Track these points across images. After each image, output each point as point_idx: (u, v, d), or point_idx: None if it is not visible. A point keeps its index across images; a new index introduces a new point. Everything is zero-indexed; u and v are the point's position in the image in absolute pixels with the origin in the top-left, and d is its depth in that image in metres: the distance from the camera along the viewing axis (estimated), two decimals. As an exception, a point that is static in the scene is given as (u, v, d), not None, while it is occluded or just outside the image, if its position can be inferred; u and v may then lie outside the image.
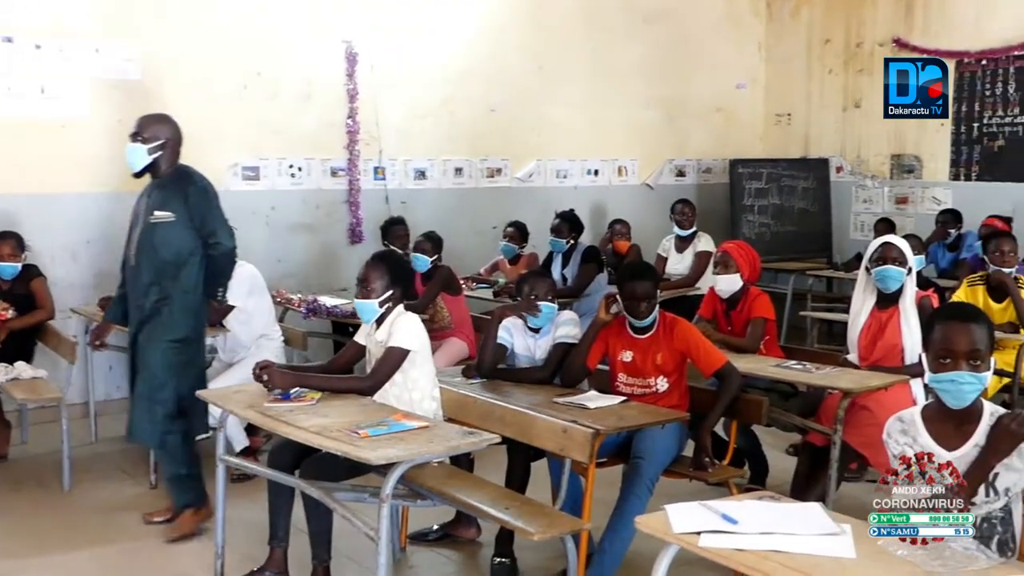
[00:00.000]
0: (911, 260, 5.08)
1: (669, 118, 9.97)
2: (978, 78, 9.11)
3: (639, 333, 4.64)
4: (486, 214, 8.76)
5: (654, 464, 4.28)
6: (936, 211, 8.89)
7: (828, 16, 10.24)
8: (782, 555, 2.49)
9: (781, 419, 5.09)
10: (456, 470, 4.42)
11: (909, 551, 2.50)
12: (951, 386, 2.78)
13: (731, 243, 5.90)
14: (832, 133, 10.30)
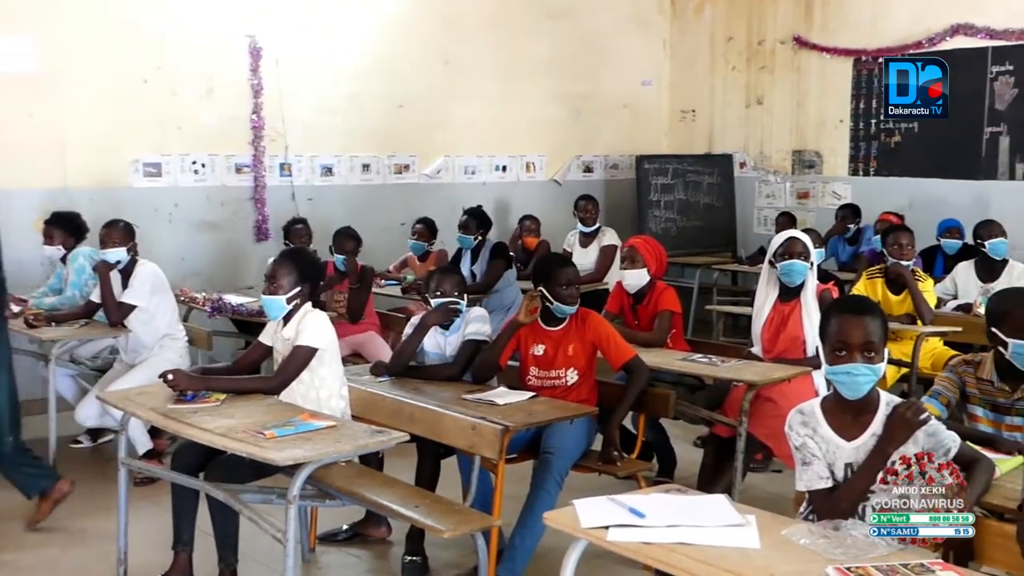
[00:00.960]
0: (813, 254, 5.20)
1: (576, 114, 10.03)
2: (875, 76, 9.35)
3: (552, 325, 4.66)
4: (394, 211, 8.70)
5: (563, 459, 4.31)
6: (836, 206, 9.10)
7: (731, 14, 10.41)
8: (688, 547, 2.52)
9: (688, 412, 5.15)
10: (365, 469, 4.39)
11: (811, 540, 2.56)
12: (846, 378, 2.85)
13: (638, 238, 5.95)
14: (735, 129, 10.48)
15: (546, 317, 4.67)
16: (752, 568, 2.39)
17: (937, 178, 8.93)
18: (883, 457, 2.83)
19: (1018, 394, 3.52)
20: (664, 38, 10.80)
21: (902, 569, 2.33)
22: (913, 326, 6.06)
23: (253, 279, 7.49)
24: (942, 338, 6.15)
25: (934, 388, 3.70)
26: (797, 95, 9.94)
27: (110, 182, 7.44)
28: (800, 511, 3.03)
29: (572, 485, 4.44)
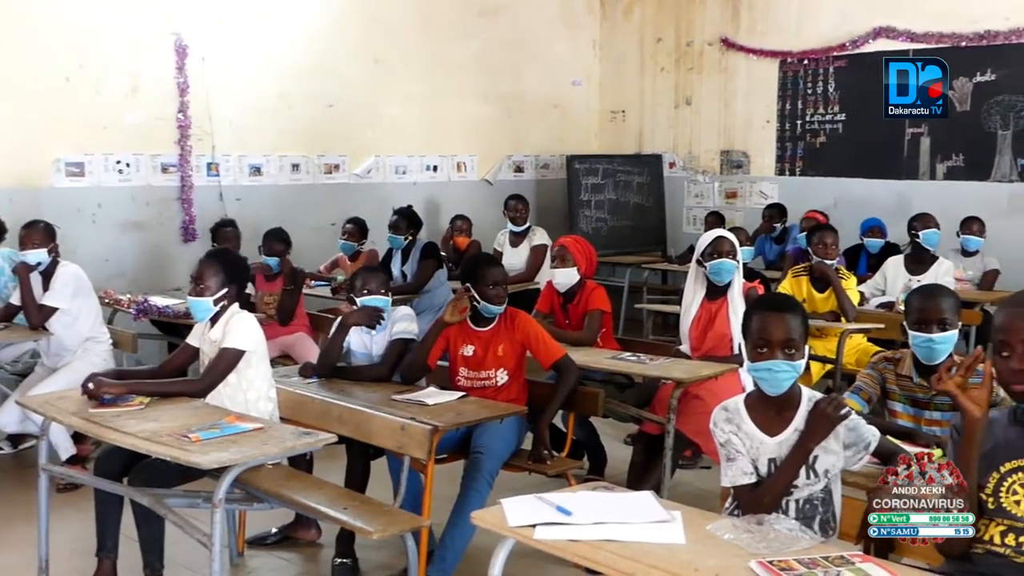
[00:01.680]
0: (740, 253, 5.27)
1: (507, 114, 10.05)
2: (800, 77, 9.52)
3: (481, 326, 4.66)
4: (324, 211, 8.64)
5: (493, 458, 4.31)
6: (763, 205, 9.24)
7: (659, 15, 10.51)
8: (615, 544, 2.53)
9: (617, 410, 5.19)
10: (294, 471, 4.35)
11: (735, 535, 2.59)
12: (768, 374, 2.89)
13: (568, 237, 5.98)
14: (665, 130, 10.59)
15: (475, 318, 4.67)
16: (677, 563, 2.41)
17: (861, 178, 9.12)
18: (805, 452, 2.89)
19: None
20: (594, 39, 10.87)
21: (823, 561, 2.37)
22: (837, 323, 6.17)
23: (180, 280, 7.36)
24: (865, 335, 6.26)
25: (856, 384, 3.78)
26: (725, 96, 10.08)
27: (31, 182, 7.28)
28: (725, 506, 3.07)
29: (503, 484, 4.44)
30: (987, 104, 8.41)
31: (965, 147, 8.57)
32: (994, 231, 7.66)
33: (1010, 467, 2.50)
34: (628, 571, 2.39)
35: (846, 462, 2.96)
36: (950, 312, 3.55)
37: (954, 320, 3.56)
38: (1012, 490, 2.48)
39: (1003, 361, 2.46)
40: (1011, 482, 2.49)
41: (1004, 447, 2.52)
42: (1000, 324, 2.49)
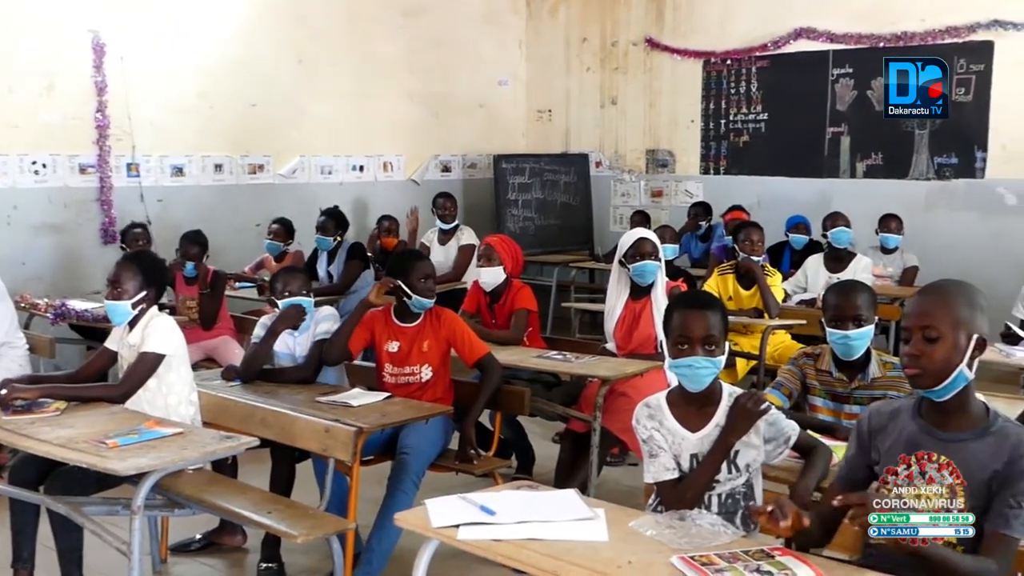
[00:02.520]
0: (662, 252, 5.31)
1: (433, 114, 10.00)
2: (724, 77, 9.63)
3: (406, 322, 4.64)
4: (249, 211, 8.52)
5: (419, 459, 4.29)
6: (689, 204, 9.33)
7: (585, 15, 10.56)
8: (538, 543, 2.53)
9: (544, 408, 5.20)
10: (217, 476, 4.28)
11: (658, 530, 2.61)
12: (688, 371, 2.92)
13: (494, 237, 5.98)
14: (591, 129, 10.64)
15: (401, 313, 4.66)
16: (599, 560, 2.42)
17: (783, 176, 9.26)
18: (726, 447, 2.92)
19: (855, 383, 3.67)
20: (520, 38, 10.89)
21: (743, 555, 2.40)
22: (761, 320, 6.25)
23: (99, 283, 7.17)
24: (788, 331, 6.36)
25: (777, 380, 3.83)
26: (650, 96, 10.15)
27: (-58, 184, 7.08)
28: (649, 503, 3.09)
29: (430, 485, 4.43)
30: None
31: (884, 146, 8.73)
32: (912, 228, 7.82)
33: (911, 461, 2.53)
34: (551, 569, 2.39)
35: (767, 456, 3.00)
36: (866, 308, 3.62)
37: (870, 316, 3.63)
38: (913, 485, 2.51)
39: (904, 347, 2.51)
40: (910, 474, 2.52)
41: (907, 441, 2.55)
42: (905, 312, 2.54)
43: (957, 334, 2.45)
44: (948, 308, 2.47)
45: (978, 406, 2.53)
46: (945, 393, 2.48)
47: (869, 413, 2.69)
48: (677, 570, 2.35)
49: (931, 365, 2.45)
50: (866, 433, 2.65)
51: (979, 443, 2.46)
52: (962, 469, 2.45)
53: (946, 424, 2.52)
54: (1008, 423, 2.50)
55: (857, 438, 2.67)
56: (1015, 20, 7.96)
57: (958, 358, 2.45)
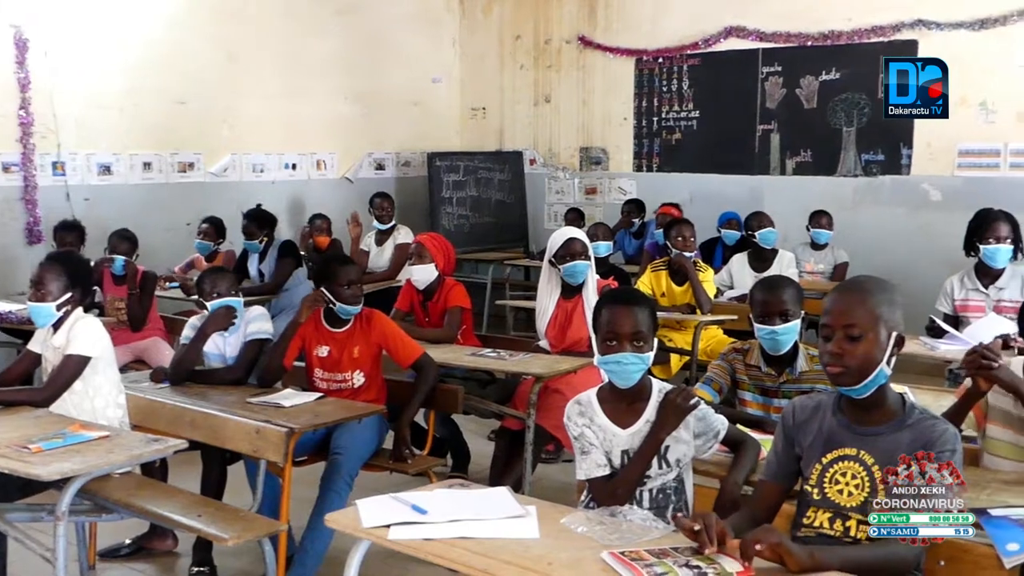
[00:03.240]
0: (591, 251, 5.31)
1: (367, 111, 9.94)
2: (656, 75, 9.71)
3: (336, 327, 4.61)
4: (179, 210, 8.40)
5: (352, 459, 4.27)
6: (622, 201, 9.38)
7: (518, 13, 10.57)
8: (469, 541, 2.53)
9: (479, 406, 5.20)
10: (146, 480, 4.21)
11: (589, 527, 2.61)
12: (617, 367, 2.93)
13: (425, 235, 5.96)
14: (525, 127, 10.66)
15: (330, 318, 4.62)
16: (530, 558, 2.42)
17: (715, 174, 9.36)
18: (656, 443, 2.94)
19: (783, 378, 3.72)
20: (453, 36, 10.87)
21: (672, 551, 2.41)
22: (694, 316, 6.30)
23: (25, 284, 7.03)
24: (720, 326, 6.42)
25: (707, 375, 3.87)
26: (583, 93, 10.20)
27: None
28: (581, 499, 3.10)
29: (364, 485, 4.41)
30: (832, 102, 8.72)
31: (813, 143, 8.87)
32: (841, 224, 7.95)
33: (832, 457, 2.56)
34: (481, 567, 2.39)
35: (697, 451, 3.03)
36: (792, 303, 3.67)
37: (796, 310, 3.68)
38: (834, 479, 2.54)
39: (824, 344, 2.54)
40: (833, 472, 2.55)
41: (827, 438, 2.58)
42: (824, 309, 2.57)
43: (879, 332, 2.48)
44: (869, 306, 2.50)
45: (895, 399, 2.57)
46: (865, 391, 2.51)
47: (792, 408, 2.71)
48: (607, 566, 2.36)
49: (854, 363, 2.48)
50: (790, 428, 2.68)
51: (896, 435, 2.50)
52: (881, 462, 2.48)
53: (864, 419, 2.55)
54: (924, 415, 2.54)
55: (782, 433, 2.70)
56: (937, 20, 8.13)
57: (880, 356, 2.48)
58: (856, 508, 2.49)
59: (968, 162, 8.14)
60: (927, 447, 2.43)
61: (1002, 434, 3.24)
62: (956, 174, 8.18)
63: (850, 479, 2.52)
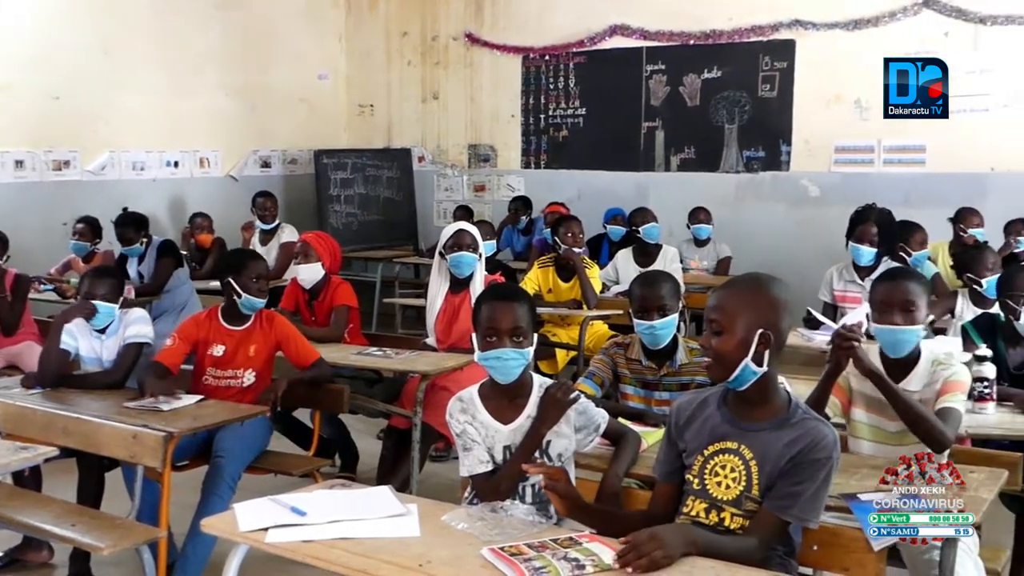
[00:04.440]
0: (482, 246, 5.34)
1: (251, 108, 9.78)
2: (543, 72, 9.77)
3: (235, 324, 4.54)
4: (54, 210, 8.13)
5: (235, 462, 4.19)
6: (510, 198, 9.42)
7: (404, 10, 10.52)
8: (348, 541, 2.50)
9: (365, 405, 5.16)
10: (18, 489, 4.08)
11: (470, 523, 2.61)
12: (497, 363, 2.94)
13: (311, 233, 5.89)
14: (413, 124, 10.62)
15: (229, 315, 4.54)
16: (410, 556, 2.41)
17: (602, 170, 9.46)
18: (538, 437, 2.95)
19: (663, 371, 3.78)
20: (339, 32, 10.76)
21: (551, 544, 2.43)
22: (579, 311, 6.36)
23: None
24: (606, 321, 6.49)
25: (589, 369, 3.91)
26: (471, 90, 10.21)
27: None
28: (464, 496, 3.10)
29: (249, 488, 4.32)
30: (714, 100, 8.90)
31: (696, 140, 9.03)
32: (725, 219, 8.13)
33: (713, 449, 2.60)
34: (360, 567, 2.37)
35: (578, 445, 3.06)
36: (669, 298, 3.73)
37: (674, 305, 3.74)
38: (714, 471, 2.58)
39: (703, 338, 2.59)
40: (713, 464, 2.59)
41: (711, 430, 2.62)
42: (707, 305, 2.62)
43: (742, 329, 2.51)
44: (736, 304, 2.54)
45: (781, 397, 2.60)
46: (738, 384, 2.55)
47: (677, 407, 2.73)
48: (487, 562, 2.36)
49: (717, 357, 2.53)
50: (674, 426, 2.70)
51: (777, 432, 2.53)
52: (760, 457, 2.53)
53: (748, 414, 2.59)
54: (807, 415, 2.58)
55: (668, 431, 2.72)
56: (814, 20, 8.37)
57: (742, 352, 2.51)
58: (731, 502, 2.53)
59: (844, 158, 8.39)
60: (807, 447, 2.47)
61: (865, 417, 3.36)
62: (833, 170, 8.43)
63: (729, 472, 2.56)
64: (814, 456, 2.47)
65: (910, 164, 8.13)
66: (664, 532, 2.35)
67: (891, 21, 8.08)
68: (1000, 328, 4.06)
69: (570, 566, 2.30)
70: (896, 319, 3.28)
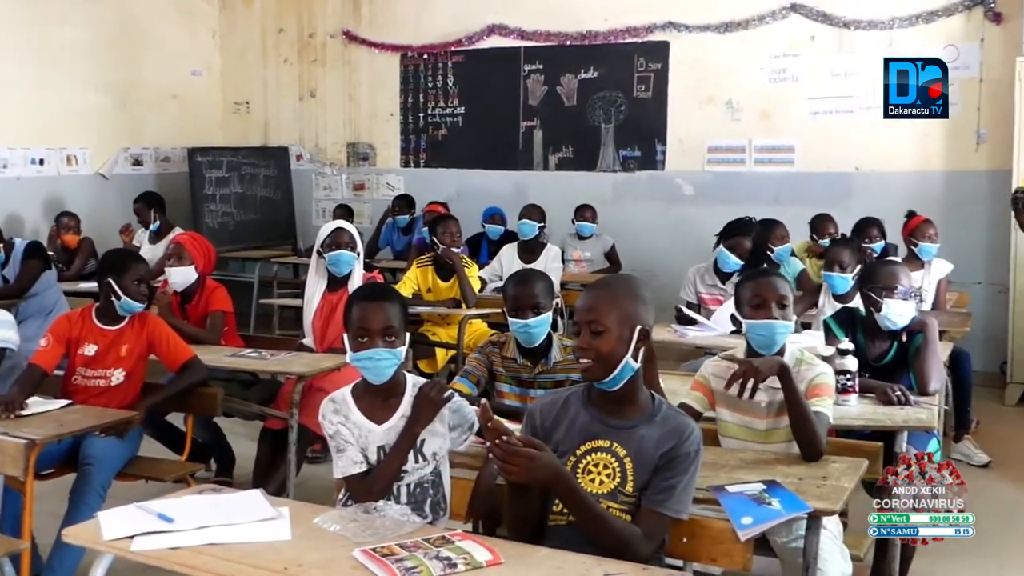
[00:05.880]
0: (359, 245, 5.31)
1: (122, 105, 9.51)
2: (421, 71, 9.74)
3: (108, 324, 4.43)
4: (-91, 210, 7.79)
5: (104, 469, 4.08)
6: (391, 197, 9.37)
7: (281, 6, 10.37)
8: (217, 547, 2.46)
9: (240, 408, 5.08)
10: None
11: (342, 525, 2.60)
12: (370, 363, 2.92)
13: (184, 235, 5.77)
14: (290, 122, 10.48)
15: (104, 315, 4.44)
16: (280, 560, 2.38)
17: (481, 169, 9.48)
18: (412, 437, 2.95)
19: (538, 368, 3.82)
20: (213, 28, 10.54)
21: (424, 543, 2.43)
22: (459, 310, 6.37)
23: None
24: (485, 319, 6.51)
25: (464, 368, 3.93)
26: (349, 88, 10.12)
27: None
28: (339, 497, 3.07)
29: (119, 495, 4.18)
30: (591, 100, 9.01)
31: (574, 140, 9.13)
32: (603, 217, 8.24)
33: (586, 448, 2.63)
34: (229, 573, 2.33)
35: (452, 443, 3.06)
36: (543, 296, 3.77)
37: (547, 303, 3.78)
38: (587, 470, 2.61)
39: (581, 340, 2.62)
40: (586, 463, 2.62)
41: (578, 431, 2.65)
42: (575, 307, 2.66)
43: (621, 327, 2.56)
44: (611, 303, 2.58)
45: (645, 395, 2.66)
46: (615, 384, 2.59)
47: (538, 410, 2.74)
48: (359, 563, 2.35)
49: (598, 357, 2.56)
50: (539, 428, 2.70)
51: (646, 429, 2.59)
52: (633, 454, 2.57)
53: (616, 412, 2.63)
54: (671, 411, 2.65)
55: (530, 434, 2.66)
56: (687, 23, 8.54)
57: (623, 350, 2.55)
58: (606, 495, 2.57)
59: (717, 158, 8.59)
60: (678, 442, 2.54)
61: (730, 417, 3.45)
62: (706, 169, 8.62)
63: (602, 469, 2.59)
64: (685, 450, 2.54)
65: (780, 164, 8.36)
66: (548, 457, 2.41)
67: (760, 24, 8.30)
68: (860, 321, 4.21)
69: (442, 565, 2.31)
70: (774, 314, 3.38)
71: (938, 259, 6.07)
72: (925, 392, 3.92)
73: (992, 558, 4.30)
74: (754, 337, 3.45)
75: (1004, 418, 6.83)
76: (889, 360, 4.10)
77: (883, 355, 4.12)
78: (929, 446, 4.05)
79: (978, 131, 7.64)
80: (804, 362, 3.40)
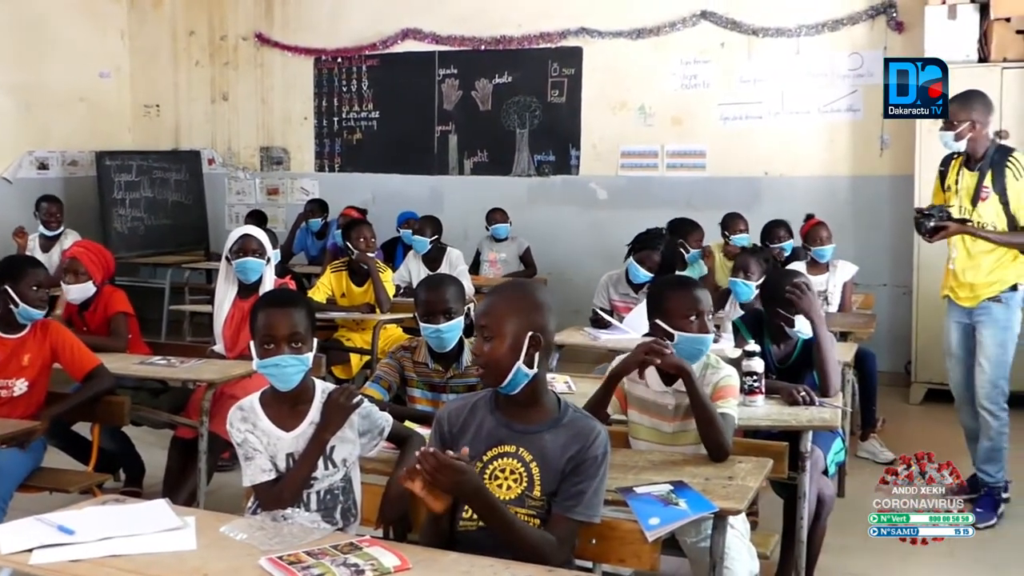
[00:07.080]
0: (270, 251, 5.23)
1: (26, 106, 9.28)
2: (335, 75, 9.69)
3: (9, 332, 4.32)
4: None
5: (5, 481, 4.01)
6: (304, 201, 9.29)
7: (191, 8, 10.23)
8: (120, 559, 2.41)
9: (149, 416, 4.98)
10: None
11: (249, 533, 2.57)
12: (276, 370, 2.90)
13: (79, 246, 5.54)
14: (202, 125, 10.33)
15: (3, 324, 4.32)
16: (185, 570, 2.35)
17: (396, 173, 9.46)
18: (321, 443, 2.94)
19: (450, 373, 3.82)
20: (121, 29, 10.34)
21: (331, 550, 2.41)
22: (372, 315, 6.35)
23: None
24: (399, 325, 6.50)
25: (376, 374, 3.91)
26: (262, 92, 10.02)
27: None
28: (248, 505, 3.04)
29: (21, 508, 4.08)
30: (506, 104, 9.05)
31: (489, 144, 9.16)
32: (518, 222, 8.30)
33: (493, 454, 2.63)
34: (131, 585, 2.30)
35: (362, 449, 3.05)
36: (454, 301, 3.78)
37: (459, 308, 3.79)
38: (494, 475, 2.61)
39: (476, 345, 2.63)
40: (492, 468, 2.62)
41: (485, 436, 2.65)
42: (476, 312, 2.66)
43: (512, 333, 2.55)
44: (504, 309, 2.59)
45: (551, 399, 2.67)
46: (511, 388, 2.59)
47: (446, 415, 2.73)
48: (265, 572, 2.33)
49: (489, 362, 2.57)
50: (446, 434, 2.69)
51: (552, 434, 2.60)
52: (539, 459, 2.58)
53: (522, 417, 2.63)
54: (577, 414, 2.66)
55: (438, 440, 2.69)
56: (600, 29, 8.64)
57: (514, 356, 2.55)
58: (513, 500, 2.57)
59: (630, 163, 8.69)
60: (585, 446, 2.55)
61: (640, 419, 3.47)
62: (620, 174, 8.71)
63: (509, 474, 2.60)
64: (592, 454, 2.55)
65: (692, 168, 8.49)
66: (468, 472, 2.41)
67: (672, 31, 8.42)
68: (766, 325, 4.29)
69: (349, 571, 2.30)
70: (704, 327, 3.37)
71: (844, 261, 6.22)
72: (827, 394, 4.00)
73: (894, 553, 4.41)
74: (687, 349, 3.35)
75: (909, 416, 7.02)
76: (793, 361, 4.19)
77: (788, 356, 4.21)
78: (833, 445, 4.16)
79: (882, 137, 7.85)
80: (710, 366, 3.43)
